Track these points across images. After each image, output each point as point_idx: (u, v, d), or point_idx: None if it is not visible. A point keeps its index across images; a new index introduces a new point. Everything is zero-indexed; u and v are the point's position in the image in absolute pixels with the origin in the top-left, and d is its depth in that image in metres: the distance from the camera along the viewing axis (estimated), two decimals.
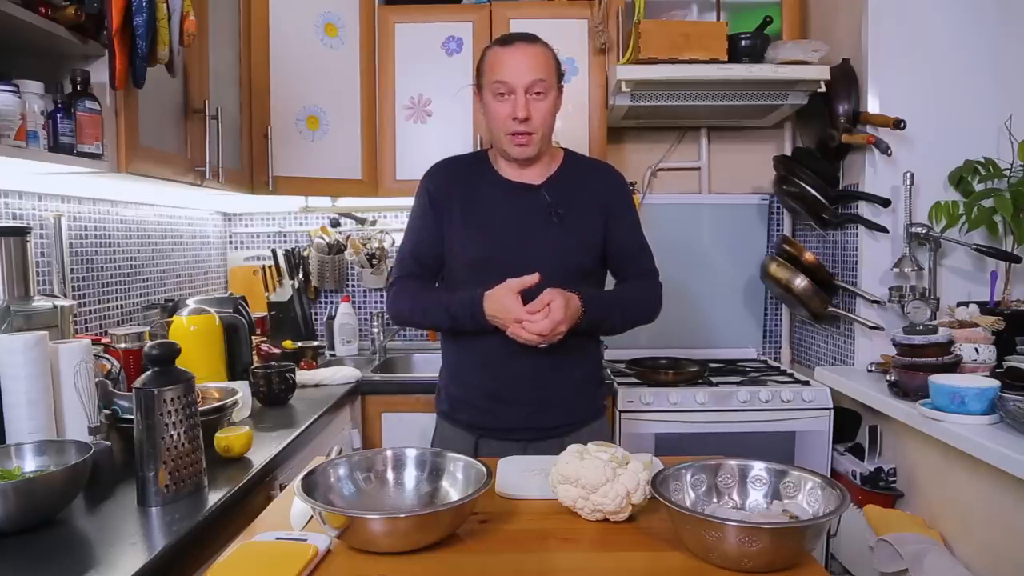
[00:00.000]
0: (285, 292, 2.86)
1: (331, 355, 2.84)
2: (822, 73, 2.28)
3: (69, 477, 1.15)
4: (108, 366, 1.65)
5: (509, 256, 1.56)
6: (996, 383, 1.66)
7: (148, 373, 1.23)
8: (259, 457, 1.51)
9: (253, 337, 2.24)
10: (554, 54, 1.59)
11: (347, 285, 3.00)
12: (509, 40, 1.57)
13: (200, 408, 1.32)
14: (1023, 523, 1.53)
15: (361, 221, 2.96)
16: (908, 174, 2.17)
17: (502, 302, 1.46)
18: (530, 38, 1.57)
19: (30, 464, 1.23)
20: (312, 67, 2.50)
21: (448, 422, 1.68)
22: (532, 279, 1.44)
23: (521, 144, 1.55)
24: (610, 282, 1.72)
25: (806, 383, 2.37)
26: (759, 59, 2.34)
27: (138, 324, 2.21)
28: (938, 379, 1.73)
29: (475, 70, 1.64)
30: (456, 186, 1.63)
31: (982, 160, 2.15)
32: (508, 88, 1.52)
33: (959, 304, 2.05)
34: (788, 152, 2.78)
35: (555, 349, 1.56)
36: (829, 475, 2.10)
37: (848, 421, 2.30)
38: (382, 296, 3.01)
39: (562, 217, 1.58)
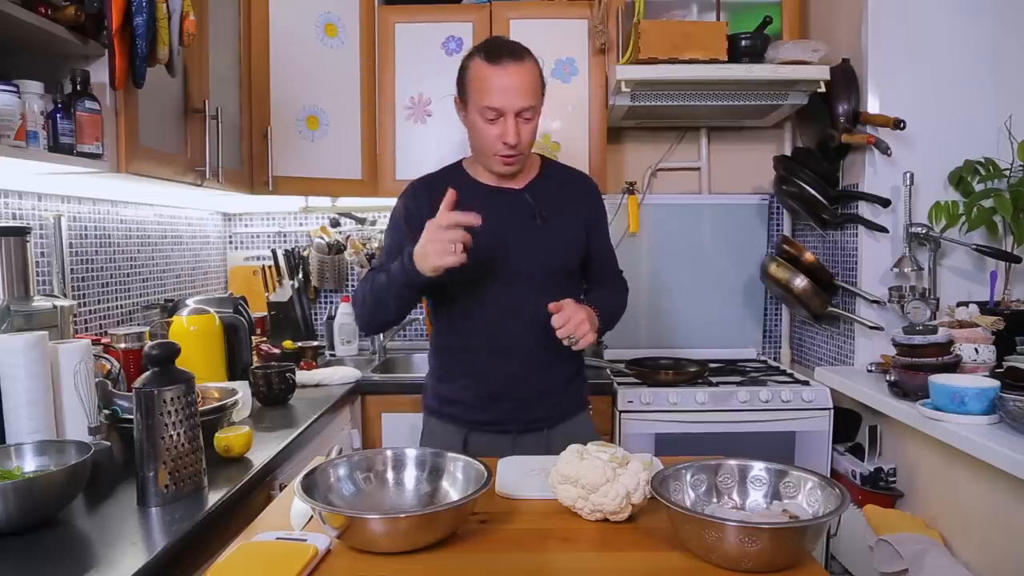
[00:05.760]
0: (285, 292, 2.86)
1: (331, 355, 2.84)
2: (822, 73, 2.28)
3: (69, 477, 1.15)
4: (108, 366, 1.65)
5: (495, 259, 1.58)
6: (996, 383, 1.66)
7: (148, 373, 1.23)
8: (259, 457, 1.51)
9: (253, 337, 2.24)
10: (539, 67, 1.57)
11: (347, 285, 3.00)
12: (496, 55, 1.51)
13: (200, 408, 1.32)
14: (1023, 523, 1.53)
15: (361, 221, 2.96)
16: (908, 174, 2.17)
17: (435, 224, 1.39)
18: (517, 53, 1.53)
19: (30, 464, 1.24)
20: (312, 67, 2.50)
21: (436, 418, 1.71)
22: (475, 220, 1.40)
23: (508, 163, 1.57)
24: None
25: (806, 383, 2.37)
26: (759, 59, 2.34)
27: (138, 324, 2.21)
28: (938, 379, 1.73)
29: (457, 79, 1.60)
30: (435, 197, 1.55)
31: (982, 160, 2.15)
32: (498, 113, 1.51)
33: (959, 304, 2.05)
34: (788, 152, 2.78)
35: (543, 352, 1.62)
36: (829, 475, 2.10)
37: (848, 421, 2.30)
38: None
39: (545, 219, 1.61)
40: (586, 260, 1.70)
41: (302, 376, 2.22)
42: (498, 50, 1.53)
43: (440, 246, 1.38)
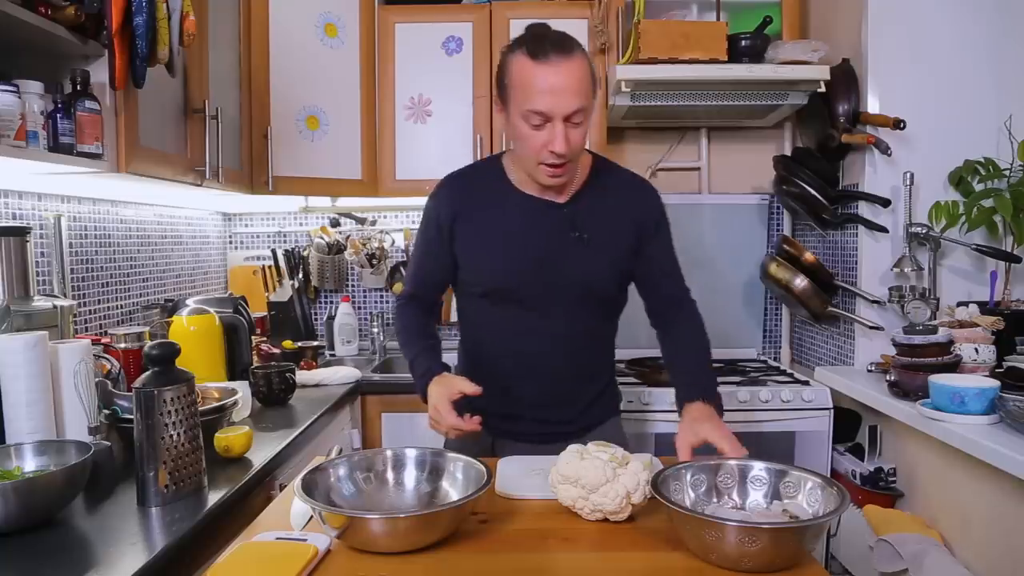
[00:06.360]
0: (285, 292, 2.86)
1: (331, 355, 2.84)
2: (822, 73, 2.28)
3: (69, 477, 1.15)
4: (108, 366, 1.65)
5: (528, 282, 1.47)
6: (996, 383, 1.66)
7: (148, 373, 1.23)
8: (259, 457, 1.51)
9: (253, 337, 2.24)
10: (589, 61, 1.38)
11: (347, 285, 3.00)
12: (542, 50, 1.31)
13: (200, 408, 1.32)
14: (1023, 523, 1.53)
15: (361, 221, 2.96)
16: (908, 174, 2.17)
17: (438, 405, 1.35)
18: (566, 47, 1.33)
19: (30, 464, 1.24)
20: (312, 67, 2.50)
21: (462, 416, 1.61)
22: (477, 390, 1.34)
23: (555, 175, 1.38)
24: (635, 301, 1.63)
25: (806, 383, 2.37)
26: (759, 59, 2.34)
27: (138, 324, 2.21)
28: (938, 379, 1.73)
29: (496, 76, 1.42)
30: (469, 204, 1.50)
31: (982, 160, 2.15)
32: (544, 118, 1.32)
33: (959, 304, 2.05)
34: (788, 152, 2.78)
35: (572, 373, 1.54)
36: (829, 475, 2.10)
37: (848, 421, 2.30)
38: (382, 296, 3.01)
39: (588, 240, 1.45)
40: (636, 274, 1.54)
41: (302, 376, 2.22)
42: (543, 43, 1.33)
43: (437, 425, 1.37)
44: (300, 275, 2.89)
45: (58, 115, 1.43)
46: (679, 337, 1.58)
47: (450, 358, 1.67)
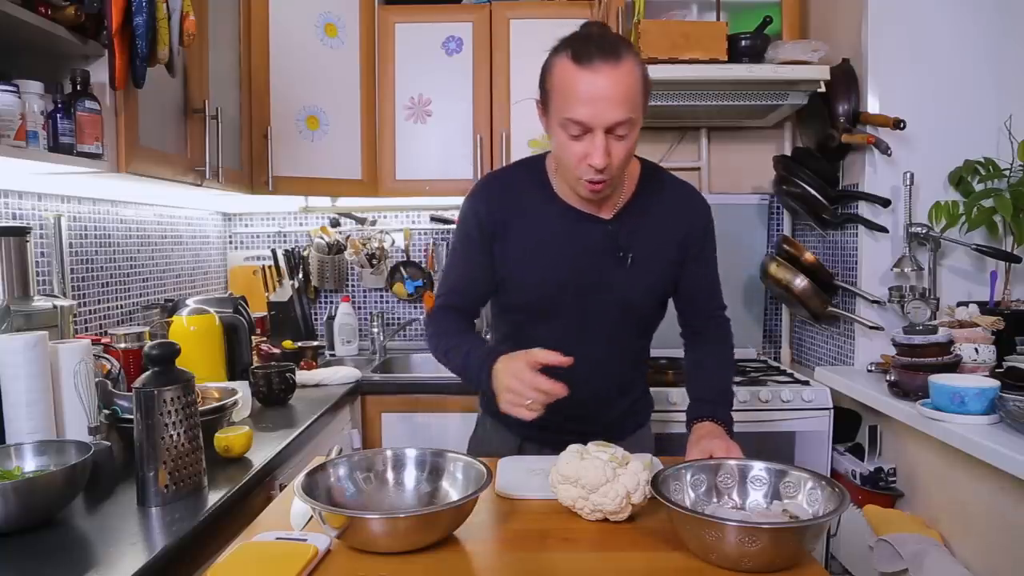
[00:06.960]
0: (285, 292, 2.86)
1: (331, 355, 2.84)
2: (822, 73, 2.28)
3: (69, 477, 1.15)
4: (108, 366, 1.65)
5: (563, 298, 1.41)
6: (996, 383, 1.66)
7: (148, 373, 1.23)
8: (259, 457, 1.51)
9: (253, 337, 2.24)
10: (643, 71, 1.27)
11: (347, 285, 3.00)
12: (586, 54, 1.21)
13: (200, 408, 1.32)
14: (1023, 523, 1.53)
15: (361, 221, 2.96)
16: (908, 174, 2.17)
17: (518, 374, 1.20)
18: (612, 52, 1.21)
19: (30, 464, 1.24)
20: (312, 67, 2.51)
21: (492, 418, 1.56)
22: (565, 361, 1.21)
23: (595, 190, 1.30)
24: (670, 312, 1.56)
25: (806, 383, 2.37)
26: (759, 59, 2.34)
27: (138, 324, 2.21)
28: (938, 379, 1.73)
29: (540, 79, 1.31)
30: (510, 210, 1.41)
31: (982, 160, 2.15)
32: (584, 129, 1.23)
33: (959, 304, 2.05)
34: (788, 152, 2.78)
35: (604, 390, 1.49)
36: (829, 475, 2.10)
37: (848, 421, 2.30)
38: (382, 296, 3.01)
39: (633, 260, 1.39)
40: (678, 291, 1.49)
41: (302, 376, 2.22)
42: (588, 46, 1.23)
43: (517, 399, 1.19)
44: (300, 275, 2.89)
45: (58, 115, 1.44)
46: (704, 353, 1.54)
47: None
